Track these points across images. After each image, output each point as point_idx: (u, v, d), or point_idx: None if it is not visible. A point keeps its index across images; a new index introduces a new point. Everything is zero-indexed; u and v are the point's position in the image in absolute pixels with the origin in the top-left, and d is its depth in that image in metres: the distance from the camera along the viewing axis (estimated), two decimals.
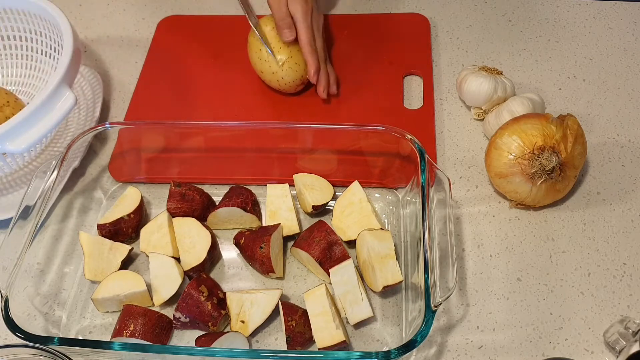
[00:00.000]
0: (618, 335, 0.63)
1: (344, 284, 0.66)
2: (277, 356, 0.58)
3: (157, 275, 0.69)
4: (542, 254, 0.72)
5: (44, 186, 0.69)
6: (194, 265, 0.69)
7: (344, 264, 0.67)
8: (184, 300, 0.66)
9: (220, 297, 0.67)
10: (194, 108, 0.87)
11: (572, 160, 0.71)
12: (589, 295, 0.69)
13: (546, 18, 0.96)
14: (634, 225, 0.74)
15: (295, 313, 0.65)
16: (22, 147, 0.69)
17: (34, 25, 0.85)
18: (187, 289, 0.66)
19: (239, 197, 0.74)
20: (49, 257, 0.74)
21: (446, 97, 0.87)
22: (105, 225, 0.73)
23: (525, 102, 0.77)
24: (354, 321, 0.66)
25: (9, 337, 0.69)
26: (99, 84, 0.88)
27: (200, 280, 0.67)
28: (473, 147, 0.82)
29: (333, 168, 0.78)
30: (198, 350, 0.62)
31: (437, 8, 0.99)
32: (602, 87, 0.87)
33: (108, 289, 0.68)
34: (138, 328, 0.65)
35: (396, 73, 0.89)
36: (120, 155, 0.81)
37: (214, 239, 0.72)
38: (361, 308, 0.65)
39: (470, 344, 0.66)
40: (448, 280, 0.65)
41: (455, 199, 0.77)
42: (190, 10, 1.01)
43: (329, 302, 0.65)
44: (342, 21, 0.96)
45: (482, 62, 0.91)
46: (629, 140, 0.81)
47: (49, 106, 0.71)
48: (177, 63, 0.93)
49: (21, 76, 0.89)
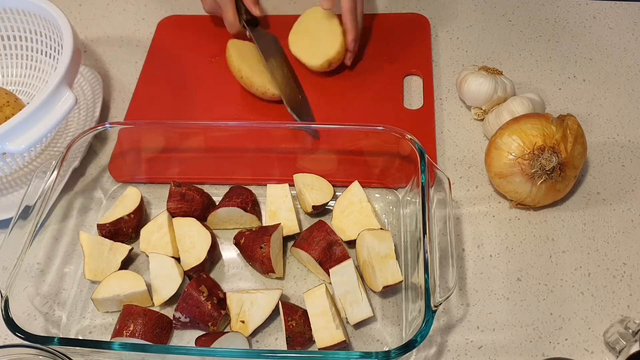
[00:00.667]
0: (618, 335, 0.63)
1: (344, 284, 0.66)
2: (277, 356, 0.58)
3: (157, 275, 0.69)
4: (542, 254, 0.72)
5: (44, 186, 0.69)
6: (194, 265, 0.69)
7: (344, 264, 0.67)
8: (184, 300, 0.66)
9: (220, 297, 0.67)
10: (194, 108, 0.87)
11: (572, 160, 0.71)
12: (589, 295, 0.69)
13: (546, 18, 0.96)
14: (634, 225, 0.74)
15: (295, 313, 0.65)
16: (22, 147, 0.69)
17: (34, 25, 0.85)
18: (187, 289, 0.66)
19: (239, 197, 0.74)
20: (49, 257, 0.74)
21: (446, 97, 0.87)
22: (105, 225, 0.73)
23: (525, 102, 0.77)
24: (354, 321, 0.66)
25: (9, 337, 0.69)
26: (99, 84, 0.88)
27: (200, 280, 0.67)
28: (473, 147, 0.82)
29: (333, 168, 0.78)
30: (198, 350, 0.62)
31: (437, 8, 0.99)
32: (602, 87, 0.87)
33: (108, 289, 0.68)
34: (138, 328, 0.65)
35: (396, 73, 0.89)
36: (120, 155, 0.81)
37: (214, 239, 0.72)
38: (361, 308, 0.65)
39: (470, 344, 0.66)
40: (448, 280, 0.65)
41: (455, 199, 0.77)
42: (190, 10, 1.01)
43: (329, 302, 0.65)
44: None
45: (482, 62, 0.91)
46: (629, 140, 0.81)
47: (49, 106, 0.71)
48: (177, 63, 0.93)
49: (21, 76, 0.89)
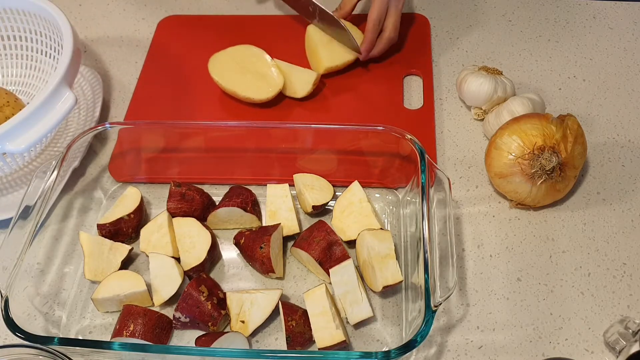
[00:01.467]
0: (618, 335, 0.63)
1: (344, 284, 0.66)
2: (277, 356, 0.58)
3: (157, 275, 0.69)
4: (542, 254, 0.72)
5: (44, 186, 0.69)
6: (194, 265, 0.69)
7: (344, 264, 0.67)
8: (184, 300, 0.66)
9: (220, 297, 0.67)
10: (194, 108, 0.87)
11: (572, 160, 0.71)
12: (589, 295, 0.69)
13: (546, 18, 0.96)
14: (634, 225, 0.74)
15: (295, 313, 0.65)
16: (22, 147, 0.69)
17: (34, 25, 0.85)
18: (187, 289, 0.66)
19: (239, 197, 0.74)
20: (49, 257, 0.74)
21: (446, 97, 0.87)
22: (105, 225, 0.73)
23: (525, 102, 0.77)
24: (354, 321, 0.66)
25: (9, 337, 0.69)
26: (99, 84, 0.88)
27: (200, 280, 0.67)
28: (473, 147, 0.82)
29: (333, 168, 0.78)
30: (198, 350, 0.62)
31: (437, 8, 0.99)
32: (602, 87, 0.87)
33: (108, 289, 0.68)
34: (138, 328, 0.65)
35: (396, 73, 0.89)
36: (120, 155, 0.81)
37: (214, 239, 0.72)
38: (361, 308, 0.65)
39: (470, 344, 0.66)
40: (448, 280, 0.65)
41: (455, 199, 0.77)
42: (190, 10, 1.01)
43: (329, 302, 0.65)
44: None
45: (482, 62, 0.91)
46: (629, 140, 0.81)
47: (49, 106, 0.71)
48: (177, 63, 0.93)
49: (21, 76, 0.89)
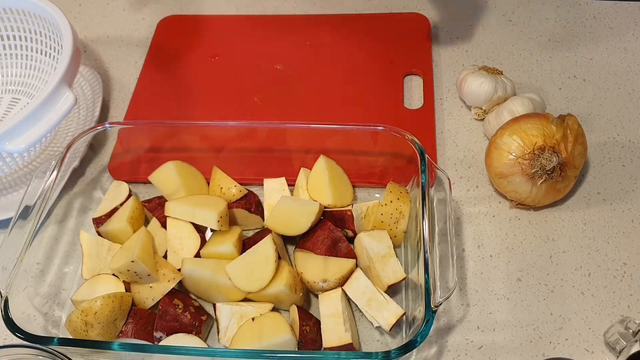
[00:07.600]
0: (618, 335, 0.63)
1: (362, 294, 0.64)
2: (278, 356, 0.58)
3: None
4: (543, 254, 0.72)
5: (44, 186, 0.69)
6: (179, 268, 0.68)
7: (354, 275, 0.65)
8: (161, 318, 0.64)
9: (196, 305, 0.66)
10: (194, 108, 0.87)
11: (572, 160, 0.71)
12: (589, 295, 0.69)
13: (546, 18, 0.96)
14: (634, 225, 0.74)
15: (310, 319, 0.64)
16: (22, 147, 0.69)
17: (34, 25, 0.85)
18: (161, 306, 0.65)
19: (242, 198, 0.74)
20: (48, 257, 0.74)
21: (446, 97, 0.87)
22: (101, 218, 0.73)
23: (525, 102, 0.77)
24: (389, 325, 0.63)
25: (8, 337, 0.69)
26: (99, 84, 0.88)
27: (172, 295, 0.66)
28: (473, 147, 0.82)
29: None
30: (198, 350, 0.62)
31: (437, 8, 0.99)
32: (602, 87, 0.87)
33: (87, 291, 0.67)
34: (129, 327, 0.64)
35: (396, 73, 0.89)
36: (120, 155, 0.81)
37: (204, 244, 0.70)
38: (390, 309, 0.63)
39: (471, 344, 0.66)
40: (448, 280, 0.65)
41: (455, 199, 0.77)
42: (190, 10, 1.01)
43: (342, 305, 0.63)
44: (342, 21, 0.96)
45: (482, 62, 0.91)
46: (629, 140, 0.81)
47: (49, 106, 0.71)
48: (177, 63, 0.93)
49: (21, 76, 0.89)
